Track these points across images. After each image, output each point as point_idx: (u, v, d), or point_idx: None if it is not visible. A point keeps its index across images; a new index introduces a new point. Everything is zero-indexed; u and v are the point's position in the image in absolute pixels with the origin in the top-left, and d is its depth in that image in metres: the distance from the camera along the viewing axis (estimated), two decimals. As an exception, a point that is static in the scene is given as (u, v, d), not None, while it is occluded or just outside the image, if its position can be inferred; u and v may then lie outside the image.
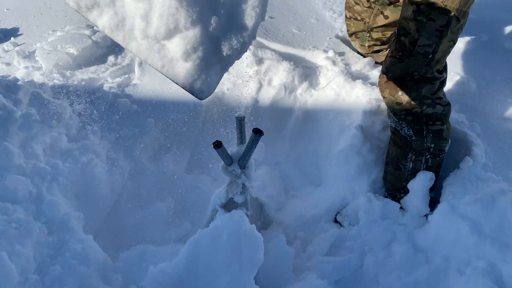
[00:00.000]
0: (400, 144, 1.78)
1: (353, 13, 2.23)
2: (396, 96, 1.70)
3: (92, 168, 1.83)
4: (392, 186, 1.85)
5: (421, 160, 1.77)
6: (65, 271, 1.49)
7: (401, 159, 1.79)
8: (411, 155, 1.77)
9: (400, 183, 1.82)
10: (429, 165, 1.75)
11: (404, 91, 1.67)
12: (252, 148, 1.47)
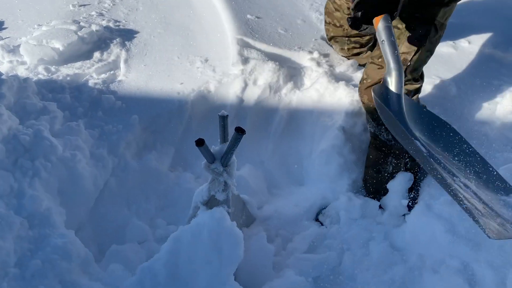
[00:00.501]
0: (380, 148, 1.81)
1: (333, 19, 2.26)
2: (373, 104, 1.72)
3: (75, 164, 1.83)
4: (372, 188, 1.89)
5: (400, 163, 1.80)
6: (45, 265, 1.49)
7: (382, 162, 1.82)
8: (391, 158, 1.80)
9: (380, 186, 1.86)
10: (408, 167, 1.79)
11: None
12: (234, 146, 1.50)
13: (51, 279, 1.48)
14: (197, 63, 2.40)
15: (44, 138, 1.79)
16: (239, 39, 2.42)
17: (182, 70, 2.37)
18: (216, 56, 2.44)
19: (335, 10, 2.23)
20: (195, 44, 2.55)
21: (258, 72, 2.29)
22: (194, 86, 2.25)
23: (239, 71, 2.27)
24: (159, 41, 2.60)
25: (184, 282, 1.46)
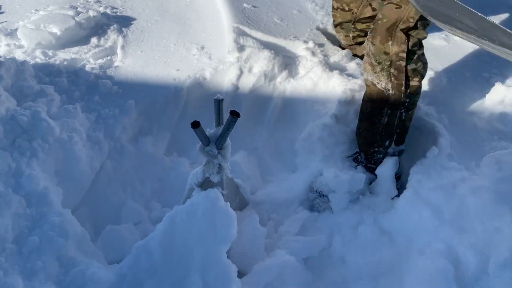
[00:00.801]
0: (376, 99, 1.80)
1: (341, 3, 2.26)
2: (385, 45, 1.72)
3: (72, 146, 1.85)
4: (366, 141, 1.89)
5: (396, 114, 1.80)
6: (42, 242, 1.52)
7: (377, 114, 1.81)
8: (387, 109, 1.79)
9: (373, 138, 1.86)
10: (402, 118, 1.81)
11: (395, 42, 1.70)
12: (229, 129, 1.53)
13: (48, 255, 1.51)
14: (193, 50, 2.43)
15: (42, 120, 1.82)
16: (235, 27, 2.45)
17: (178, 57, 2.40)
18: (212, 43, 2.47)
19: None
20: (191, 32, 2.58)
21: (254, 60, 2.32)
22: (190, 73, 2.28)
23: (234, 58, 2.31)
24: (155, 28, 2.62)
25: (178, 260, 1.50)
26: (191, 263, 1.49)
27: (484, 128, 1.94)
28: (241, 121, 2.24)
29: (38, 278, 1.45)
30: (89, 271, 1.49)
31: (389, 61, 1.73)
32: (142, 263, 1.51)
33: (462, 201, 1.60)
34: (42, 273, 1.46)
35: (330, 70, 2.24)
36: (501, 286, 1.36)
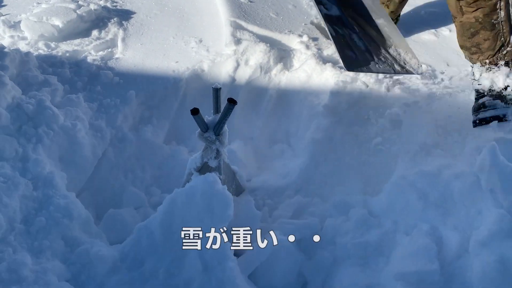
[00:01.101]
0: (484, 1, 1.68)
1: None
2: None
3: (76, 133, 1.94)
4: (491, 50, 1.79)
5: (508, 2, 1.71)
6: (49, 222, 1.61)
7: (492, 14, 1.71)
8: (499, 2, 1.69)
9: (499, 40, 1.76)
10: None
11: None
12: (226, 116, 1.62)
13: (54, 235, 1.60)
14: (192, 43, 2.51)
15: (47, 108, 1.90)
16: (232, 21, 2.53)
17: (177, 49, 2.49)
18: (210, 37, 2.55)
19: None
20: (189, 25, 2.66)
21: (250, 53, 2.41)
22: (188, 65, 2.37)
23: (231, 51, 2.39)
24: (155, 22, 2.70)
25: (178, 239, 1.58)
26: (190, 242, 1.58)
27: (469, 118, 2.04)
28: (237, 111, 2.34)
29: (45, 256, 1.53)
30: (93, 249, 1.57)
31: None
32: (144, 242, 1.60)
33: (447, 186, 1.69)
34: (49, 251, 1.55)
35: (324, 63, 2.33)
36: (479, 263, 1.45)
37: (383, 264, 1.63)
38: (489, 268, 1.43)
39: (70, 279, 1.51)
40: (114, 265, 1.56)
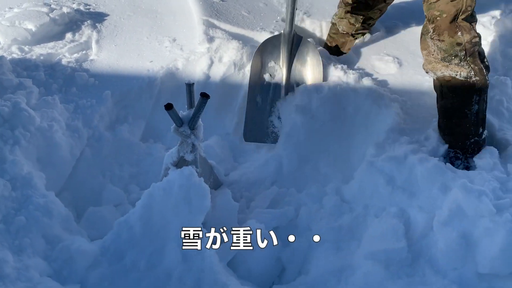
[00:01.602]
0: (461, 91, 1.78)
1: None
2: (456, 36, 1.74)
3: (52, 134, 1.96)
4: (461, 136, 1.87)
5: (484, 99, 1.81)
6: (29, 221, 1.64)
7: (467, 104, 1.80)
8: (475, 96, 1.79)
9: (468, 130, 1.85)
10: (486, 100, 1.83)
11: (464, 31, 1.74)
12: (200, 110, 1.68)
13: (35, 233, 1.63)
14: (166, 43, 2.55)
15: (22, 110, 1.92)
16: (205, 20, 2.59)
17: (151, 49, 2.53)
18: (183, 36, 2.60)
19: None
20: (163, 25, 2.70)
21: (223, 51, 2.46)
22: (163, 64, 2.41)
23: (205, 49, 2.44)
24: (128, 23, 2.73)
25: (157, 232, 1.64)
26: (168, 234, 1.63)
27: (433, 106, 2.13)
28: (213, 107, 2.40)
29: (27, 253, 1.56)
30: (74, 245, 1.61)
31: (463, 50, 1.75)
32: (124, 236, 1.64)
33: (412, 170, 1.79)
34: (30, 249, 1.58)
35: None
36: (443, 239, 1.55)
37: (355, 247, 1.71)
38: (452, 244, 1.52)
39: (52, 275, 1.55)
40: (95, 260, 1.60)
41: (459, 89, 1.80)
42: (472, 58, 1.77)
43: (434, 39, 1.80)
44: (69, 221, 1.78)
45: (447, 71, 1.81)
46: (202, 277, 1.56)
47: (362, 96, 2.21)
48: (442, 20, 1.76)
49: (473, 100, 1.80)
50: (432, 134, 1.95)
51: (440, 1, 1.75)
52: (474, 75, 1.78)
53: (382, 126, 2.05)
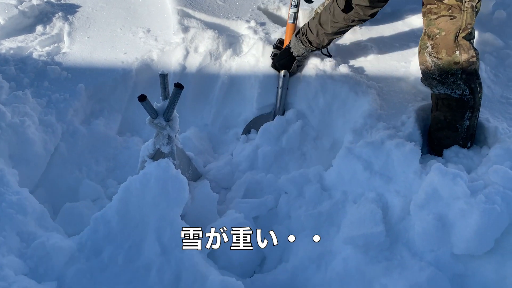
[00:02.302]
0: (456, 107, 1.83)
1: None
2: (453, 55, 1.75)
3: (25, 129, 1.92)
4: (449, 147, 1.92)
5: (476, 116, 1.86)
6: (2, 219, 1.60)
7: (458, 120, 1.85)
8: (468, 113, 1.83)
9: (456, 143, 1.91)
10: (478, 117, 1.89)
11: (462, 50, 1.75)
12: (174, 101, 1.65)
13: (8, 231, 1.59)
14: (140, 34, 2.51)
15: (-9, 106, 1.87)
16: (179, 9, 2.55)
17: (125, 40, 2.48)
18: (157, 26, 2.56)
19: None
20: (137, 16, 2.65)
21: (199, 40, 2.43)
22: (137, 55, 2.37)
23: (180, 39, 2.41)
24: (101, 15, 2.67)
25: (135, 225, 1.62)
26: (147, 227, 1.61)
27: (409, 92, 2.15)
28: (190, 98, 2.38)
29: (0, 252, 1.52)
30: (50, 241, 1.57)
31: (460, 69, 1.77)
32: (101, 231, 1.62)
33: (389, 155, 1.80)
34: (3, 247, 1.54)
35: (271, 46, 2.39)
36: (419, 222, 1.56)
37: (334, 233, 1.72)
38: (428, 226, 1.54)
39: (28, 273, 1.51)
40: (72, 256, 1.57)
41: (453, 105, 1.84)
42: (468, 76, 1.79)
43: (432, 56, 1.83)
44: (45, 217, 1.74)
45: (443, 88, 1.84)
46: (181, 268, 1.55)
47: (339, 83, 2.21)
48: (441, 38, 1.78)
49: (465, 117, 1.85)
50: (408, 120, 1.96)
51: (440, 19, 1.77)
52: (469, 93, 1.81)
53: (359, 113, 2.05)
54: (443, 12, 1.76)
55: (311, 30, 2.13)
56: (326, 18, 2.05)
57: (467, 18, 1.73)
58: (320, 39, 2.13)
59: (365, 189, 1.80)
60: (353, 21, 2.01)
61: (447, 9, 1.75)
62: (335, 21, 2.03)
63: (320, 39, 2.13)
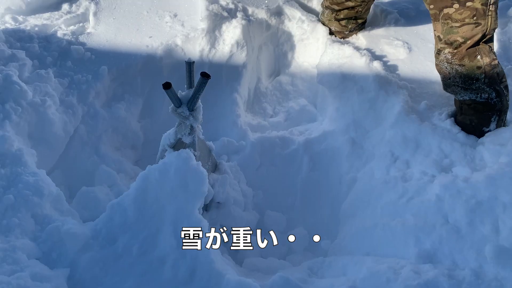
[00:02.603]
0: (482, 110, 1.80)
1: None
2: (475, 60, 1.73)
3: (45, 109, 1.88)
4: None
5: (502, 119, 1.83)
6: (18, 200, 1.57)
7: (484, 123, 1.82)
8: (495, 116, 1.80)
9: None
10: (505, 121, 1.84)
11: (483, 54, 1.72)
12: (199, 90, 1.59)
13: (23, 213, 1.56)
14: (166, 18, 2.44)
15: (14, 83, 1.83)
16: (208, -5, 2.47)
17: (151, 24, 2.42)
18: (184, 11, 2.49)
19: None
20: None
21: (226, 28, 2.36)
22: (162, 40, 2.31)
23: (206, 26, 2.33)
24: (128, -5, 2.61)
25: (152, 216, 1.57)
26: (163, 219, 1.57)
27: (443, 95, 2.05)
28: (215, 86, 2.31)
29: (14, 234, 1.49)
30: (64, 227, 1.54)
31: (483, 73, 1.74)
32: (117, 219, 1.58)
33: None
34: (18, 229, 1.51)
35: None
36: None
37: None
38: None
39: (41, 257, 1.48)
40: (86, 243, 1.54)
41: (478, 109, 1.80)
42: (491, 80, 1.75)
43: (453, 64, 1.78)
44: (61, 201, 1.71)
45: (467, 94, 1.80)
46: (197, 264, 1.50)
47: (369, 79, 2.11)
48: (465, 46, 1.74)
49: (492, 120, 1.81)
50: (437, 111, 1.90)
51: (465, 27, 1.70)
52: (495, 96, 1.77)
53: (390, 114, 1.97)
54: (467, 20, 1.69)
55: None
56: None
57: (491, 23, 1.69)
58: None
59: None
60: None
61: (472, 16, 1.67)
62: None
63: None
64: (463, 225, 1.49)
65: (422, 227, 1.54)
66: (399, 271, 1.43)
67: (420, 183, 1.69)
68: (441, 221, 1.52)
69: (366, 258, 1.57)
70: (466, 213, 1.49)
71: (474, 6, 1.65)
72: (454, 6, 1.69)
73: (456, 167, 1.71)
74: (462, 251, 1.45)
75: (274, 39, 2.54)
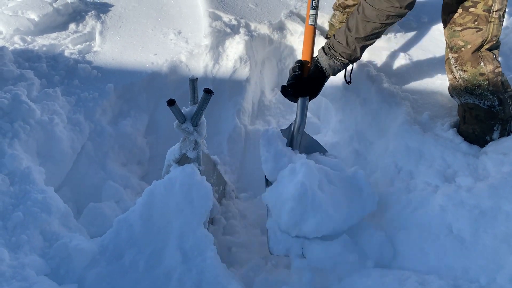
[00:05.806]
0: (484, 118, 1.79)
1: None
2: (478, 67, 1.73)
3: (53, 127, 1.92)
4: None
5: (506, 128, 1.82)
6: (26, 217, 1.59)
7: (487, 132, 1.81)
8: (498, 125, 1.80)
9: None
10: (509, 130, 1.83)
11: (486, 61, 1.73)
12: (203, 106, 1.62)
13: (32, 230, 1.58)
14: (170, 35, 2.49)
15: (22, 102, 1.88)
16: (211, 12, 2.52)
17: (156, 41, 2.47)
18: (188, 28, 2.54)
19: None
20: (168, 17, 2.64)
21: (229, 43, 2.40)
22: (167, 57, 2.35)
23: (210, 42, 2.38)
24: (133, 14, 2.67)
25: (157, 231, 1.59)
26: (169, 233, 1.58)
27: (445, 105, 2.06)
28: (218, 102, 2.35)
29: (23, 250, 1.51)
30: (72, 243, 1.56)
31: (486, 80, 1.74)
32: (123, 234, 1.59)
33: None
34: (26, 246, 1.53)
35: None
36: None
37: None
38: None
39: (49, 274, 1.50)
40: (93, 258, 1.55)
41: (481, 117, 1.80)
42: (495, 88, 1.75)
43: (457, 68, 1.79)
44: (68, 217, 1.73)
45: (471, 98, 1.80)
46: (202, 278, 1.51)
47: (371, 92, 2.14)
48: (466, 51, 1.75)
49: (494, 129, 1.81)
50: (439, 120, 1.91)
51: (466, 31, 1.72)
52: (498, 104, 1.77)
53: (393, 125, 1.98)
54: (468, 24, 1.71)
55: (339, 40, 1.76)
56: (354, 21, 1.71)
57: (493, 30, 1.69)
58: (351, 48, 1.74)
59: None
60: (388, 17, 1.65)
61: (473, 20, 1.70)
62: (367, 21, 1.67)
63: (351, 48, 1.74)
64: (467, 235, 1.49)
65: (426, 237, 1.55)
66: (404, 283, 1.43)
67: (423, 193, 1.69)
68: (445, 232, 1.53)
69: (371, 270, 1.57)
70: (469, 223, 1.49)
71: (476, 12, 1.68)
72: (458, 11, 1.72)
73: (459, 177, 1.72)
74: (466, 261, 1.45)
75: (277, 53, 2.59)
